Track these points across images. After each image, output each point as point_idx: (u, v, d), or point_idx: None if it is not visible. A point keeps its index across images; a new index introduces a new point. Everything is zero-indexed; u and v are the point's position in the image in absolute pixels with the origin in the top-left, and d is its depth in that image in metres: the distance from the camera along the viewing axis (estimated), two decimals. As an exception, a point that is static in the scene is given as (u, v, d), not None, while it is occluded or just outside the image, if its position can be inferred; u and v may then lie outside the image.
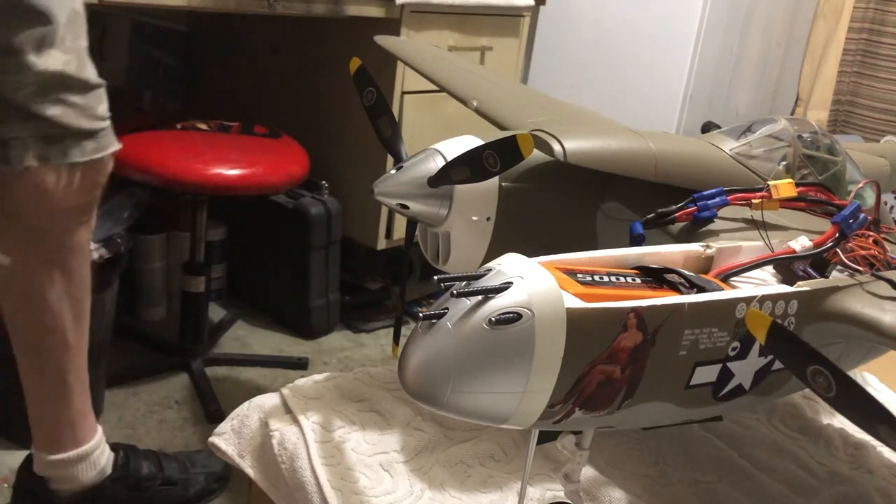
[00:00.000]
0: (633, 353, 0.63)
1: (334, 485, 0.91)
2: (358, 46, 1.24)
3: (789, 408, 1.18)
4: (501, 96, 1.19)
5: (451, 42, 2.05)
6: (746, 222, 0.85)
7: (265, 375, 1.99)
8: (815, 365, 0.58)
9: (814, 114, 3.02)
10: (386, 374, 1.12)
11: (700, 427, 1.09)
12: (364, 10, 1.85)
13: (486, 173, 0.85)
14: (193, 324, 1.96)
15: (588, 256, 0.71)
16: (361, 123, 1.14)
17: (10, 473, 1.50)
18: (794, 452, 1.08)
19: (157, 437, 1.71)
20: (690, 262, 0.77)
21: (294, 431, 0.99)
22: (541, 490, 0.94)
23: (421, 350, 0.59)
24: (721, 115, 2.62)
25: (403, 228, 1.02)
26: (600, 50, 2.64)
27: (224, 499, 1.48)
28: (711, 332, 0.67)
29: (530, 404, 0.61)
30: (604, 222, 0.97)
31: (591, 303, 0.61)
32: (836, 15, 2.98)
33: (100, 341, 1.72)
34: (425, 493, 0.92)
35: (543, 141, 0.89)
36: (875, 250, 0.79)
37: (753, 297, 0.68)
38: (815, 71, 3.04)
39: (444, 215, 0.92)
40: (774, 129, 1.01)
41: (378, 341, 2.21)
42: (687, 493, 0.98)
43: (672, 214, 0.85)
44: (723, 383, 0.71)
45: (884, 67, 3.03)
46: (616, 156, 0.91)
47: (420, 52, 1.36)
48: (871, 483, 1.04)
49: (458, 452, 0.99)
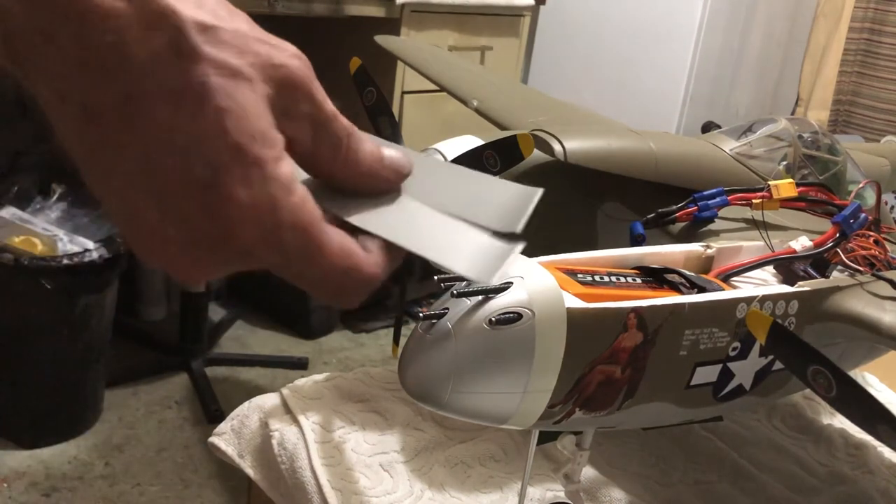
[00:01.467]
0: (633, 354, 0.63)
1: (334, 485, 0.91)
2: (358, 46, 1.24)
3: (790, 408, 1.18)
4: (501, 96, 1.19)
5: (451, 42, 2.05)
6: (747, 222, 0.85)
7: (265, 375, 1.99)
8: (815, 365, 0.58)
9: (814, 114, 3.02)
10: (386, 374, 1.12)
11: (701, 427, 1.09)
12: (364, 10, 1.85)
13: (486, 173, 0.84)
14: (193, 324, 1.96)
15: (588, 256, 0.71)
16: (361, 123, 1.14)
17: (10, 473, 1.50)
18: (795, 453, 1.08)
19: (156, 437, 1.71)
20: (691, 262, 0.77)
21: (294, 432, 0.98)
22: (541, 490, 0.94)
23: (421, 350, 0.59)
24: (721, 115, 2.62)
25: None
26: (600, 50, 2.64)
27: (224, 499, 1.48)
28: (712, 333, 0.67)
29: (531, 404, 0.61)
30: (604, 222, 0.97)
31: (592, 303, 0.61)
32: (836, 15, 2.98)
33: (100, 341, 1.72)
34: (425, 493, 0.92)
35: (543, 141, 0.89)
36: (876, 250, 0.79)
37: (754, 298, 0.68)
38: (815, 71, 3.04)
39: (444, 215, 0.91)
40: (775, 129, 1.01)
41: (378, 341, 2.21)
42: (687, 493, 0.97)
43: (672, 214, 0.85)
44: (723, 383, 0.71)
45: (884, 67, 3.03)
46: (616, 156, 0.91)
47: (420, 52, 1.36)
48: (872, 483, 1.04)
49: (459, 452, 0.99)
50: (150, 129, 0.33)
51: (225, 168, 0.33)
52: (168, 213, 0.34)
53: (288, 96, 0.36)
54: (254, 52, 0.35)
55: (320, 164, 0.38)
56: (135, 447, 1.72)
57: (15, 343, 1.65)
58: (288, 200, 0.35)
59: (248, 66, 0.34)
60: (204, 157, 0.33)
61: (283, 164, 0.35)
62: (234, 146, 0.33)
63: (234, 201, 0.34)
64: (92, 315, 1.67)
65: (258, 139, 0.34)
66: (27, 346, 1.65)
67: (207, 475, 1.67)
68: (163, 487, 1.63)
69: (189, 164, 0.33)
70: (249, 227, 0.34)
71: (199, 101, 0.33)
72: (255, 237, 0.35)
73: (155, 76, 0.33)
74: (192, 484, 1.65)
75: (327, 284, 0.37)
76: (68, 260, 1.58)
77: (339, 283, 0.37)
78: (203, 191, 0.34)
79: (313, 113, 0.37)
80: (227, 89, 0.33)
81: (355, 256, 0.37)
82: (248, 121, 0.34)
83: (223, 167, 0.33)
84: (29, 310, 1.63)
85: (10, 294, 1.61)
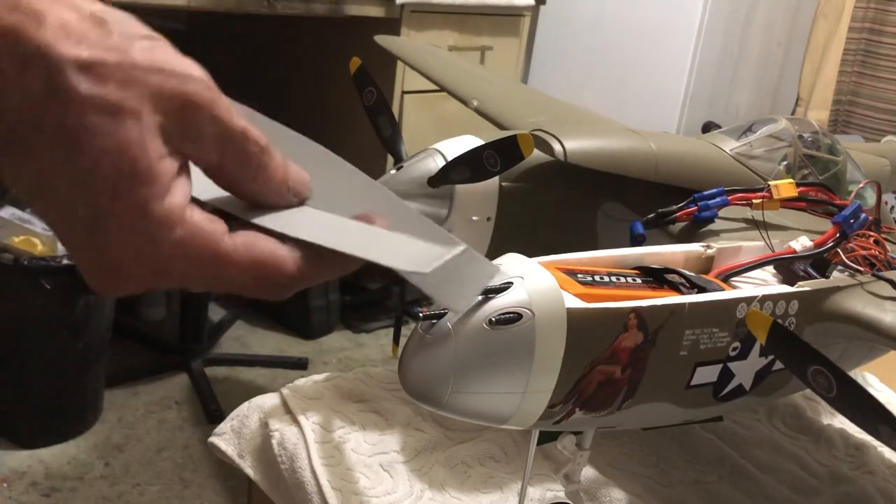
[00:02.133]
0: (633, 354, 0.63)
1: (334, 485, 0.91)
2: (358, 46, 1.24)
3: (790, 408, 1.18)
4: (501, 96, 1.19)
5: (451, 42, 2.05)
6: (747, 222, 0.85)
7: (265, 375, 1.99)
8: (815, 365, 0.58)
9: (814, 113, 3.02)
10: (386, 374, 1.12)
11: (701, 427, 1.09)
12: (364, 10, 1.85)
13: (486, 173, 0.84)
14: (193, 324, 1.96)
15: (588, 256, 0.71)
16: (361, 123, 1.14)
17: (10, 473, 1.50)
18: (795, 453, 1.08)
19: (156, 437, 1.71)
20: (691, 263, 0.76)
21: (294, 432, 0.98)
22: (541, 490, 0.94)
23: (421, 350, 0.58)
24: (721, 115, 2.62)
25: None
26: (600, 50, 2.64)
27: (224, 499, 1.48)
28: (712, 333, 0.67)
29: (531, 404, 0.60)
30: (604, 222, 0.97)
31: (592, 303, 0.61)
32: (836, 14, 2.98)
33: (100, 341, 1.72)
34: (425, 493, 0.92)
35: (544, 141, 0.89)
36: (876, 250, 0.79)
37: (754, 298, 0.68)
38: (815, 71, 3.04)
39: (444, 215, 0.92)
40: (775, 129, 1.01)
41: (378, 341, 2.21)
42: (688, 493, 0.97)
43: (672, 214, 0.84)
44: (723, 383, 0.71)
45: (884, 67, 3.03)
46: (616, 156, 0.91)
47: (420, 52, 1.36)
48: (872, 483, 1.04)
49: (459, 453, 0.99)
50: (31, 171, 0.33)
51: (105, 211, 0.33)
52: (66, 240, 0.35)
53: (186, 121, 0.35)
54: (142, 83, 0.34)
55: (229, 181, 0.38)
56: (134, 447, 1.72)
57: (15, 343, 1.65)
58: (171, 237, 0.35)
59: (135, 98, 0.33)
60: (84, 200, 0.33)
61: (168, 198, 0.34)
62: (112, 189, 0.33)
63: (115, 244, 0.34)
64: (92, 315, 1.67)
65: (139, 178, 0.33)
66: (27, 346, 1.65)
67: (207, 475, 1.67)
68: (162, 487, 1.63)
69: (72, 204, 0.33)
70: (133, 265, 0.35)
71: (75, 143, 0.32)
72: (142, 272, 0.35)
73: (31, 119, 0.32)
74: (192, 484, 1.65)
75: (240, 289, 0.38)
76: (68, 260, 1.58)
77: (252, 287, 0.38)
78: (87, 232, 0.34)
79: (219, 132, 0.36)
80: (105, 129, 0.33)
81: (266, 264, 0.38)
82: (127, 160, 0.33)
83: (103, 211, 0.33)
84: (29, 310, 1.63)
85: (10, 294, 1.61)
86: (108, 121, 0.33)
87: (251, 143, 0.37)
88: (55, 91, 0.32)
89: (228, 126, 0.37)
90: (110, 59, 0.33)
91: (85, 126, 0.32)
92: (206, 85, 0.36)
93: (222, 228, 0.37)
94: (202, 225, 0.36)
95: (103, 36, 0.33)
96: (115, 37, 0.34)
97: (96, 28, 0.33)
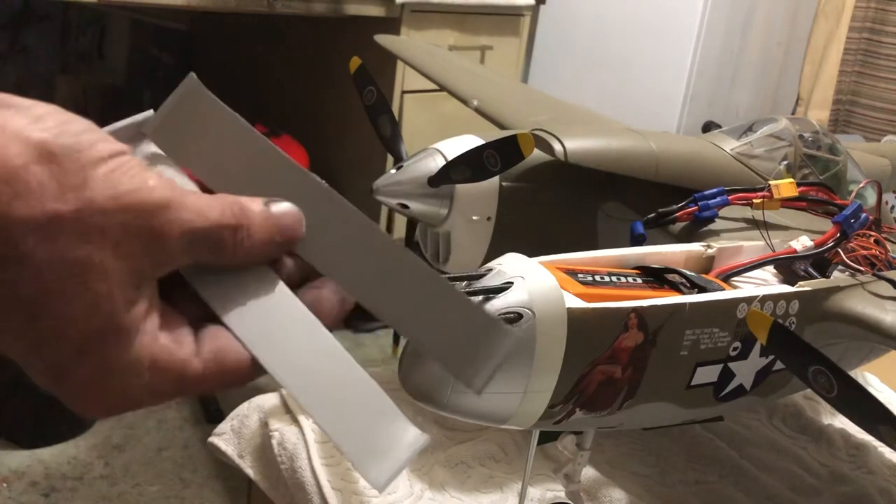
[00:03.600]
0: (634, 354, 0.63)
1: (334, 485, 0.91)
2: (358, 46, 1.24)
3: (790, 408, 1.18)
4: (502, 96, 1.19)
5: (452, 41, 2.05)
6: (747, 222, 0.85)
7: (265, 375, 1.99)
8: (816, 365, 0.58)
9: (815, 113, 3.02)
10: (386, 374, 1.12)
11: (701, 427, 1.09)
12: (364, 10, 1.85)
13: (486, 173, 0.84)
14: (193, 324, 1.96)
15: (589, 256, 0.71)
16: (361, 123, 1.14)
17: (10, 474, 1.50)
18: (795, 453, 1.08)
19: (156, 437, 1.71)
20: (691, 262, 0.76)
21: (294, 431, 0.98)
22: (541, 490, 0.94)
23: (421, 350, 0.58)
24: (721, 115, 2.62)
25: (403, 228, 1.01)
26: (600, 49, 2.64)
27: (224, 499, 1.48)
28: (712, 333, 0.67)
29: (531, 405, 0.60)
30: (604, 222, 0.97)
31: (592, 303, 0.61)
32: (836, 14, 2.98)
33: (99, 341, 1.72)
34: (425, 493, 0.92)
35: (544, 140, 0.89)
36: (876, 250, 0.79)
37: (754, 297, 0.68)
38: (815, 70, 3.04)
39: (444, 215, 0.91)
40: (775, 129, 1.01)
41: (378, 341, 2.21)
42: (688, 493, 0.97)
43: (673, 214, 0.84)
44: (724, 383, 0.71)
45: (885, 67, 3.03)
46: (617, 155, 0.91)
47: (420, 52, 1.36)
48: (873, 483, 1.04)
49: (459, 452, 0.99)
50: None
51: (70, 367, 0.32)
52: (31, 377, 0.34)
53: (156, 255, 0.34)
54: (104, 232, 0.31)
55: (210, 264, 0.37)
56: (134, 447, 1.72)
57: (15, 343, 1.65)
58: (140, 381, 0.34)
59: (98, 251, 0.31)
60: (46, 362, 0.32)
61: (137, 340, 0.33)
62: (76, 351, 0.32)
63: (81, 393, 0.34)
64: (92, 315, 1.67)
65: (107, 335, 0.32)
66: (27, 346, 1.65)
67: (207, 475, 1.67)
68: (162, 487, 1.63)
69: (34, 364, 0.33)
70: (101, 406, 0.34)
71: (34, 312, 0.31)
72: (112, 408, 0.35)
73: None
74: (192, 484, 1.65)
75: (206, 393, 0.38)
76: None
77: (218, 389, 0.38)
78: (51, 380, 0.33)
79: (190, 241, 0.35)
80: (68, 294, 0.31)
81: (233, 371, 0.37)
82: (95, 321, 0.32)
83: (68, 367, 0.32)
84: (29, 310, 1.62)
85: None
86: (71, 284, 0.31)
87: (224, 229, 0.35)
88: (6, 261, 0.30)
89: (197, 231, 0.34)
90: (66, 211, 0.30)
91: (45, 292, 0.30)
92: (168, 191, 0.33)
93: (189, 350, 0.35)
94: (170, 354, 0.35)
95: (55, 176, 0.30)
96: (68, 175, 0.30)
97: (45, 167, 0.30)
